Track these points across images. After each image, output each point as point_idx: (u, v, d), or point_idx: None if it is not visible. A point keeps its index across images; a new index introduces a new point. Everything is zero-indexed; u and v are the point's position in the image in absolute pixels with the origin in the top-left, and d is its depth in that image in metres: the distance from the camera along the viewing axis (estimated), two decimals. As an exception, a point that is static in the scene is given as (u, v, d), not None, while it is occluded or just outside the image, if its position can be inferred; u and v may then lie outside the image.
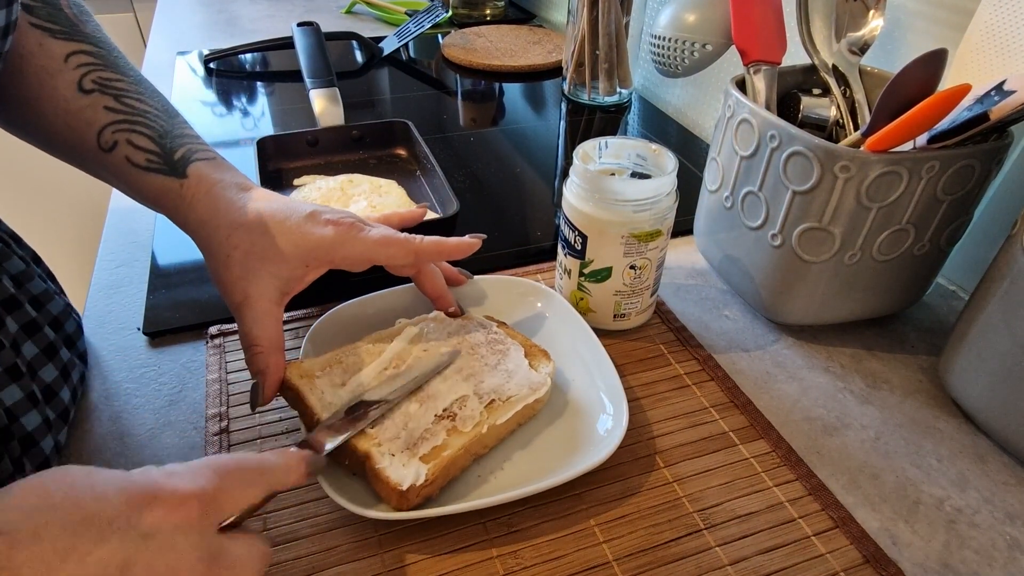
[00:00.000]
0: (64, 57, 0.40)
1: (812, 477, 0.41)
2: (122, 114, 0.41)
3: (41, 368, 0.41)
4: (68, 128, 0.40)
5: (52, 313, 0.44)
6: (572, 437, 0.42)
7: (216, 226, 0.41)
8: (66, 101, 0.40)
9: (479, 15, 1.22)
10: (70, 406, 0.43)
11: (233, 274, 0.40)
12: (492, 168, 0.76)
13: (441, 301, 0.48)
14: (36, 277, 0.43)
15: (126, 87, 0.42)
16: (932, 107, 0.39)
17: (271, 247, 0.40)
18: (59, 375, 0.42)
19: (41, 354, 0.41)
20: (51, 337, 0.42)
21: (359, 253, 0.42)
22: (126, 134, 0.41)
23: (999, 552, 0.38)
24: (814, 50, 0.52)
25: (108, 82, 0.41)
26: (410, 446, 0.38)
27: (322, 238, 0.41)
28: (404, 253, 0.43)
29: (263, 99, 0.92)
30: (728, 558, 0.37)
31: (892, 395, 0.48)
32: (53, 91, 0.39)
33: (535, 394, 0.42)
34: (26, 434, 0.37)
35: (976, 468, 0.43)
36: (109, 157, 0.41)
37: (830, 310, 0.50)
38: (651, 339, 0.52)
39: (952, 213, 0.45)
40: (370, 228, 0.43)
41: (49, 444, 0.39)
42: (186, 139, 0.43)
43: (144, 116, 0.42)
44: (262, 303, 0.40)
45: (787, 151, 0.44)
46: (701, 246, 0.58)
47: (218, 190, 0.42)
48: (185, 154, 0.42)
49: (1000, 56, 0.46)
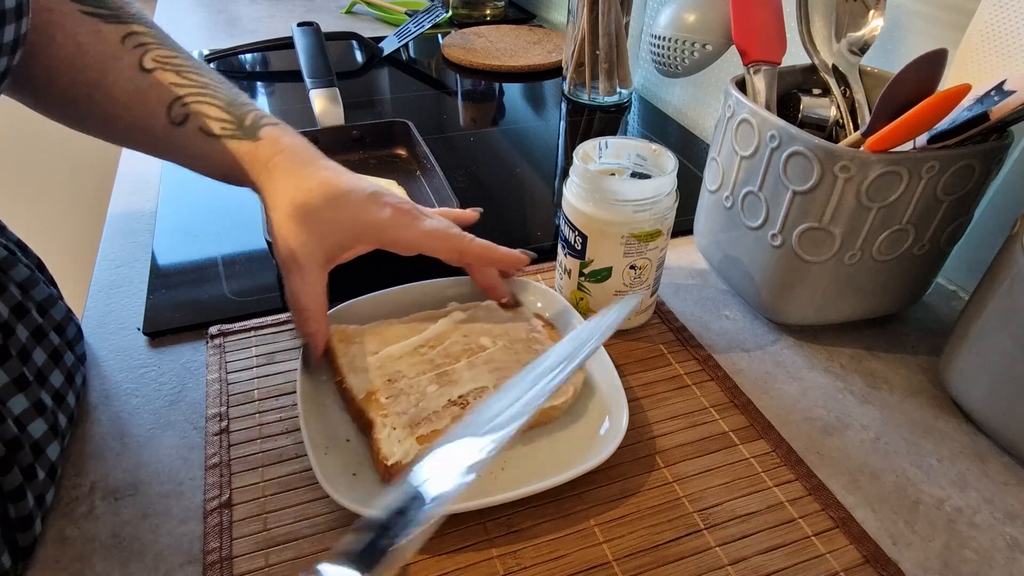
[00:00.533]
0: (120, 40, 0.40)
1: (812, 477, 0.41)
2: (188, 88, 0.42)
3: (50, 374, 0.41)
4: (135, 109, 0.41)
5: (55, 319, 0.44)
6: (572, 437, 0.42)
7: (284, 188, 0.42)
8: (131, 82, 0.40)
9: (479, 15, 1.22)
10: (75, 411, 0.43)
11: (289, 233, 0.41)
12: (492, 168, 0.76)
13: (492, 292, 0.49)
14: (40, 283, 0.43)
15: (183, 62, 0.43)
16: (932, 107, 0.39)
17: (332, 216, 0.42)
18: (65, 380, 0.42)
19: (49, 360, 0.41)
20: (56, 343, 0.42)
21: (408, 240, 0.44)
22: (196, 106, 0.42)
23: (999, 552, 0.38)
24: (814, 50, 0.52)
25: (167, 59, 0.42)
26: (413, 424, 0.38)
27: (378, 218, 0.43)
28: (450, 249, 0.45)
29: (263, 99, 0.92)
30: (728, 558, 0.37)
31: (892, 395, 0.48)
32: (117, 75, 0.40)
33: (552, 400, 0.41)
34: (34, 442, 0.37)
35: (976, 468, 0.43)
36: (181, 131, 0.42)
37: (830, 310, 0.50)
38: (651, 339, 0.52)
39: (952, 213, 0.45)
40: (425, 219, 0.44)
41: (55, 451, 0.39)
42: (250, 106, 0.45)
43: (208, 87, 0.43)
44: (311, 267, 0.41)
45: (787, 151, 0.44)
46: (701, 246, 0.58)
47: (289, 153, 0.43)
48: (255, 119, 0.44)
49: (1000, 56, 0.46)
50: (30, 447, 0.37)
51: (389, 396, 0.41)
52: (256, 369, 0.47)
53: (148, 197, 0.68)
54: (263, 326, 0.51)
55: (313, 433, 0.39)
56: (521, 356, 0.45)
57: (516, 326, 0.47)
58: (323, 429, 0.41)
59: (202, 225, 0.63)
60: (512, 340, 0.46)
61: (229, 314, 0.52)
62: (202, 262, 0.58)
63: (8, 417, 0.35)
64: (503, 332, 0.47)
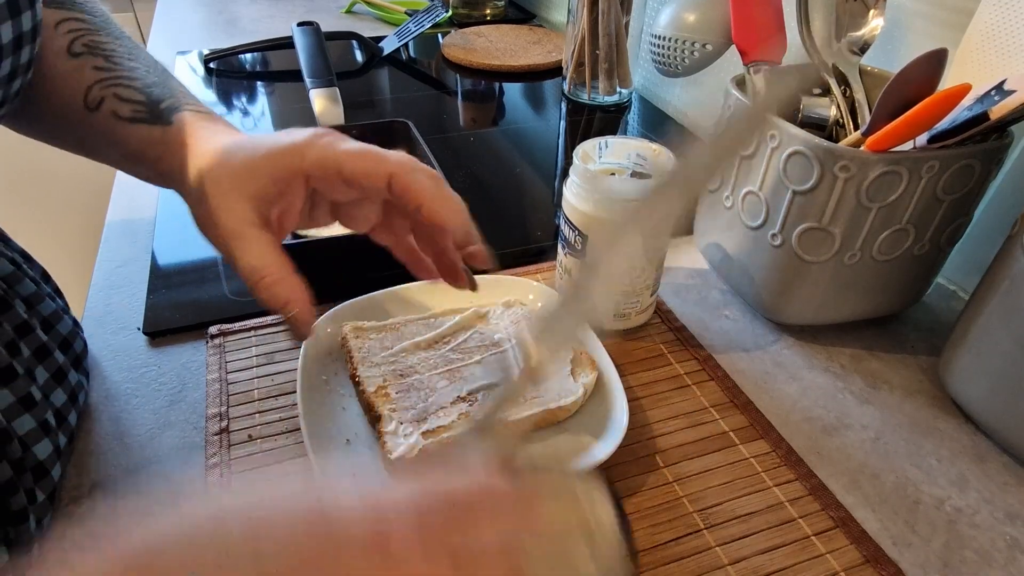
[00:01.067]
0: (54, 25, 0.39)
1: (812, 477, 0.41)
2: (110, 72, 0.40)
3: (52, 393, 0.40)
4: (57, 94, 0.39)
5: (61, 334, 0.43)
6: (572, 437, 0.42)
7: (192, 166, 0.37)
8: (54, 67, 0.39)
9: (479, 15, 1.22)
10: (76, 430, 0.43)
11: (207, 211, 0.35)
12: (492, 168, 0.76)
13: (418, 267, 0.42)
14: (46, 297, 0.43)
15: (116, 48, 0.41)
16: (932, 107, 0.39)
17: (239, 167, 0.36)
18: (68, 399, 0.41)
19: (51, 379, 0.40)
20: (60, 361, 0.41)
21: (330, 161, 0.36)
22: (112, 89, 0.39)
23: (999, 552, 0.38)
24: (814, 50, 0.52)
25: (98, 44, 0.40)
26: (420, 419, 0.39)
27: (292, 142, 0.36)
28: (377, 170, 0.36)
29: (263, 99, 0.92)
30: (728, 558, 0.37)
31: (892, 395, 0.48)
32: (46, 61, 0.39)
33: (558, 401, 0.42)
34: (38, 463, 0.37)
35: (976, 468, 0.43)
36: (96, 116, 0.39)
37: (830, 310, 0.50)
38: (651, 339, 0.52)
39: (952, 213, 0.45)
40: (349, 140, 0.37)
41: (57, 472, 0.38)
42: (176, 94, 0.41)
43: (132, 72, 0.40)
44: (246, 230, 0.35)
45: (787, 151, 0.44)
46: (701, 246, 0.58)
47: (199, 134, 0.38)
48: (172, 104, 0.40)
49: (1000, 56, 0.46)
50: (32, 470, 0.36)
51: (399, 391, 0.41)
52: (256, 369, 0.47)
53: (148, 197, 0.68)
54: (263, 326, 0.51)
55: (313, 433, 0.39)
56: None
57: None
58: (323, 429, 0.41)
59: (202, 225, 0.63)
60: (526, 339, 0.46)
61: (229, 314, 0.52)
62: (202, 262, 0.58)
63: (14, 438, 0.35)
64: (520, 331, 0.47)
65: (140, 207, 0.66)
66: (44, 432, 0.37)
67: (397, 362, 0.44)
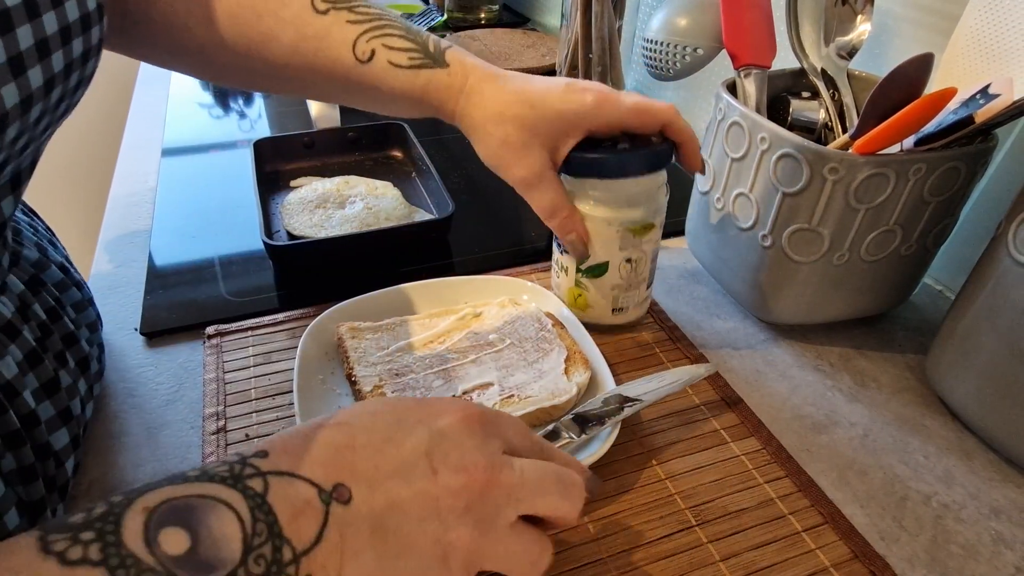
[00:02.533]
0: None
1: (802, 474, 0.42)
2: (367, 23, 0.41)
3: (77, 381, 0.40)
4: (313, 54, 0.41)
5: (83, 323, 0.43)
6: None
7: (484, 117, 0.44)
8: (305, 26, 0.40)
9: (474, 19, 1.22)
10: (88, 423, 0.43)
11: (510, 156, 0.44)
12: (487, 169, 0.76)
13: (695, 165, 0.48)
14: (72, 286, 0.43)
15: None
16: (919, 110, 0.40)
17: (538, 121, 0.43)
18: (88, 389, 0.42)
19: (76, 367, 0.40)
20: (86, 351, 0.42)
21: (616, 119, 0.44)
22: (380, 39, 0.41)
23: (984, 547, 0.39)
24: (803, 54, 0.53)
25: None
26: None
27: (582, 104, 0.43)
28: (655, 123, 0.44)
29: (259, 101, 0.92)
30: (719, 554, 0.37)
31: (880, 393, 0.49)
32: (289, 23, 0.40)
33: (553, 400, 0.42)
34: (54, 452, 0.36)
35: (962, 465, 0.44)
36: (368, 68, 0.42)
37: (819, 310, 0.51)
38: (644, 338, 0.52)
39: (938, 214, 0.46)
40: (623, 96, 0.44)
41: (72, 464, 0.38)
42: (421, 30, 0.45)
43: (385, 18, 0.43)
44: (545, 173, 0.44)
45: (777, 153, 0.45)
46: (692, 247, 0.59)
47: (478, 73, 0.44)
48: (436, 43, 0.44)
49: (985, 60, 0.47)
50: (53, 456, 0.36)
51: (395, 390, 0.42)
52: (253, 369, 0.48)
53: (145, 198, 0.68)
54: (260, 326, 0.51)
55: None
56: (529, 355, 0.45)
57: (526, 325, 0.48)
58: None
59: (199, 226, 0.63)
60: (521, 339, 0.47)
61: (226, 314, 0.53)
62: (199, 263, 0.59)
63: (40, 422, 0.35)
64: (513, 331, 0.47)
65: (138, 208, 0.67)
66: (63, 421, 0.37)
67: (393, 362, 0.45)
